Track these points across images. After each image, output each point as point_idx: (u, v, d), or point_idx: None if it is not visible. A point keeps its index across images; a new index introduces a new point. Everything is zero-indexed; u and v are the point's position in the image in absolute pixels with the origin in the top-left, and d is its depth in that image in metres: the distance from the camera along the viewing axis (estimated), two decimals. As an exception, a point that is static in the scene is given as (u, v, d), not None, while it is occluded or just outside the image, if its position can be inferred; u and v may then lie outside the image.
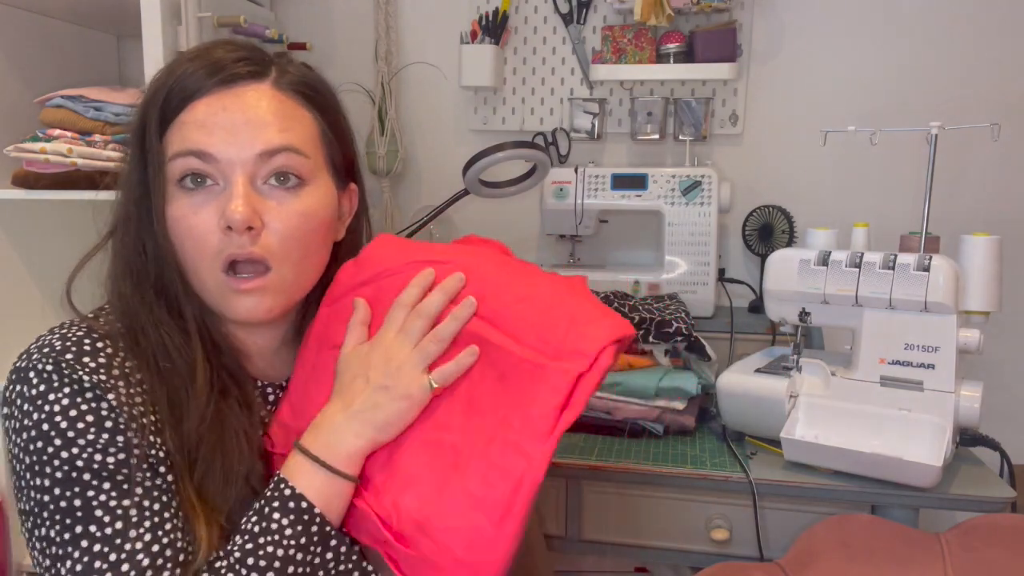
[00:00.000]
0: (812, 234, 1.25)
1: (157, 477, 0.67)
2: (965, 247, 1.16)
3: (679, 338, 1.30)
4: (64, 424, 0.64)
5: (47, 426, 0.64)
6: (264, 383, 0.80)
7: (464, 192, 1.39)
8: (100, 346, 0.69)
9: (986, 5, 1.55)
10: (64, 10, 1.56)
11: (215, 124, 0.69)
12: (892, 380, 1.16)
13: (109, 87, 1.35)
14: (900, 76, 1.60)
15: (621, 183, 1.58)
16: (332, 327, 0.77)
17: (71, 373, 0.66)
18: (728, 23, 1.60)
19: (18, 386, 0.66)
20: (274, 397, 0.80)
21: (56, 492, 0.64)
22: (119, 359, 0.69)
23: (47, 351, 0.67)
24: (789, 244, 1.59)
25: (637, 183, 1.57)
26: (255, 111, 0.70)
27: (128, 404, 0.67)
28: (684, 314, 1.34)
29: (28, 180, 1.32)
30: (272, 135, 0.70)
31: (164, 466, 0.68)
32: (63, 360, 0.66)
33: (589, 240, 1.69)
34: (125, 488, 0.65)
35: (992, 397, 1.16)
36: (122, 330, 0.71)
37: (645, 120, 1.62)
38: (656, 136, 1.62)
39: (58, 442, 0.64)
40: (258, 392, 0.78)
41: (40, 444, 0.64)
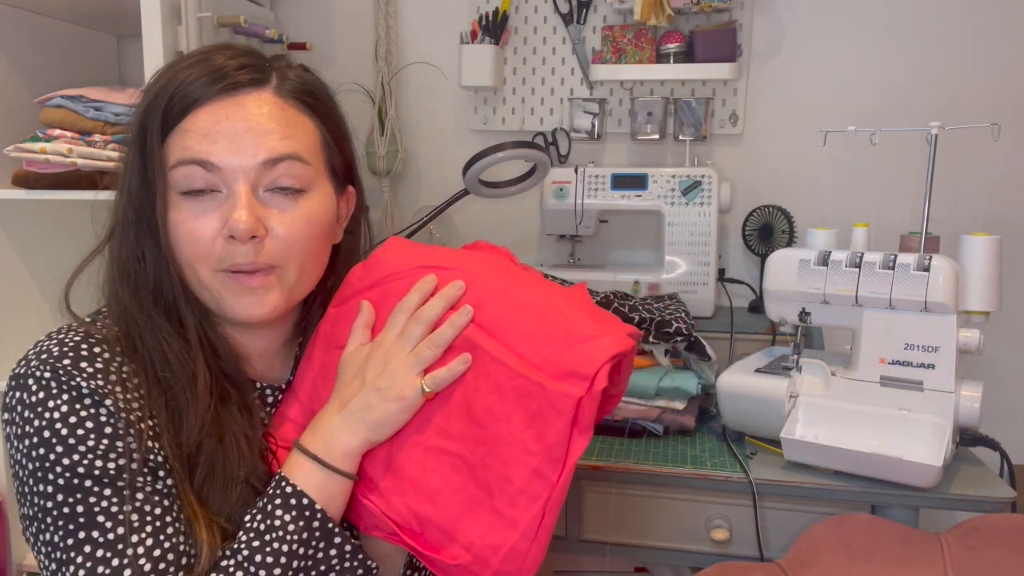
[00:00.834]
0: (812, 234, 1.25)
1: (157, 482, 0.67)
2: (965, 247, 1.16)
3: (679, 338, 1.30)
4: (64, 431, 0.65)
5: (48, 433, 0.65)
6: (263, 385, 0.80)
7: (464, 192, 1.39)
8: (97, 351, 0.69)
9: (986, 5, 1.55)
10: (64, 10, 1.56)
11: (218, 133, 0.69)
12: (892, 380, 1.16)
13: (109, 87, 1.35)
14: (900, 76, 1.60)
15: (621, 183, 1.58)
16: (339, 328, 0.78)
17: (68, 380, 0.66)
18: (728, 23, 1.60)
19: (17, 393, 0.67)
20: (273, 399, 0.80)
21: (59, 498, 0.64)
22: (116, 364, 0.69)
23: (44, 357, 0.67)
24: (789, 244, 1.59)
25: (637, 183, 1.57)
26: (257, 119, 0.70)
27: (126, 409, 0.67)
28: (684, 314, 1.34)
29: (28, 180, 1.32)
30: (275, 143, 0.70)
31: (163, 470, 0.68)
32: (60, 366, 0.66)
33: (589, 240, 1.69)
34: (126, 493, 0.65)
35: (992, 397, 1.16)
36: (119, 334, 0.71)
37: (645, 120, 1.62)
38: (656, 136, 1.62)
39: (59, 449, 0.64)
40: (257, 394, 0.79)
41: (42, 451, 0.65)
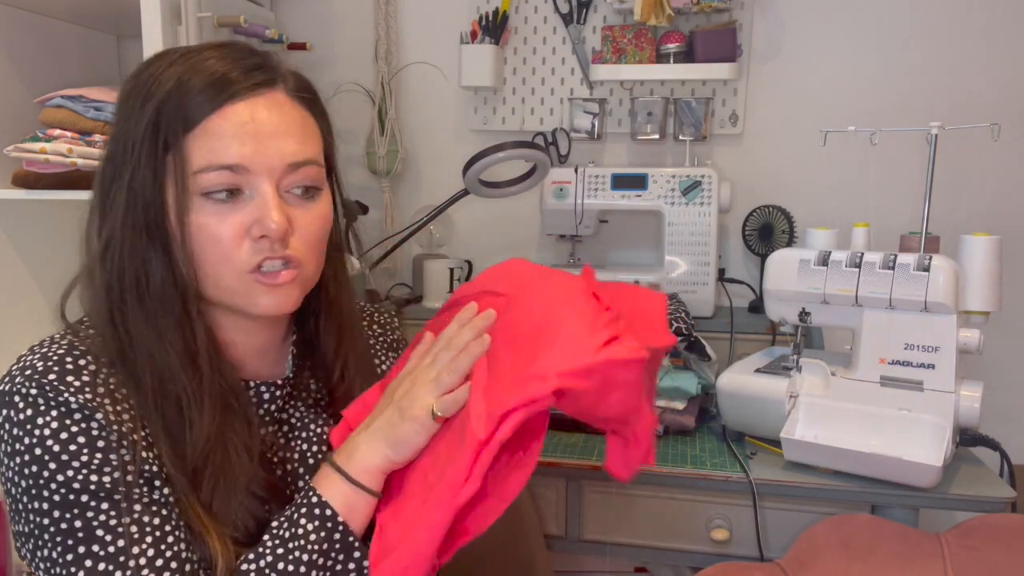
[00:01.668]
0: (812, 234, 1.25)
1: (155, 491, 0.67)
2: (965, 247, 1.16)
3: (679, 338, 1.30)
4: (57, 448, 0.64)
5: (39, 450, 0.64)
6: (258, 382, 0.80)
7: (464, 192, 1.39)
8: (83, 363, 0.68)
9: (986, 5, 1.55)
10: (64, 10, 1.56)
11: (246, 135, 0.69)
12: (892, 380, 1.16)
13: (109, 87, 1.35)
14: (900, 76, 1.60)
15: (621, 183, 1.58)
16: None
17: (56, 396, 0.65)
18: (728, 23, 1.60)
19: (4, 410, 0.66)
20: (268, 395, 0.80)
21: (55, 515, 0.64)
22: (103, 376, 0.68)
23: (29, 373, 0.66)
24: (789, 244, 1.59)
25: (637, 183, 1.57)
26: (278, 122, 0.71)
27: (117, 421, 0.66)
28: (684, 314, 1.34)
29: (28, 180, 1.32)
30: (296, 147, 0.71)
31: (159, 480, 0.67)
32: (47, 382, 0.65)
33: (589, 240, 1.69)
34: (123, 506, 0.65)
35: (992, 397, 1.16)
36: (104, 344, 0.70)
37: (645, 120, 1.62)
38: (656, 136, 1.62)
39: (53, 466, 0.64)
40: (252, 391, 0.79)
41: (35, 468, 0.64)
